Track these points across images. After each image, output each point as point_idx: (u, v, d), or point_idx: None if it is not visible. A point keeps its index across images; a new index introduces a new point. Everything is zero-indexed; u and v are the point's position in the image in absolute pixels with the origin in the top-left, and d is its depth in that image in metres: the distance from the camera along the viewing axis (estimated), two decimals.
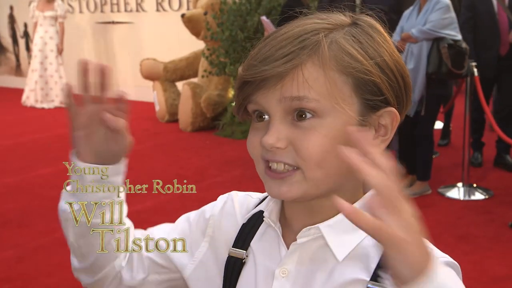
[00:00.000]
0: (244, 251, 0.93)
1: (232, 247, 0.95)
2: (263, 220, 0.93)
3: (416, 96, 4.42)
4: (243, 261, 0.93)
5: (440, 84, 4.47)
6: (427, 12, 4.41)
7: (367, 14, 0.86)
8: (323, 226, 0.84)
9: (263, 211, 0.92)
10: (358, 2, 4.98)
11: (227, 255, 0.95)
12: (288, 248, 0.88)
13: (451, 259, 0.85)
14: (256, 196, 1.01)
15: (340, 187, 0.84)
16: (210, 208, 1.03)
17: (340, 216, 0.84)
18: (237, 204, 1.00)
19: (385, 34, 0.84)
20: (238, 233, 0.95)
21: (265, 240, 0.92)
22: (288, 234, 0.90)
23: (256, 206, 0.97)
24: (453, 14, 4.41)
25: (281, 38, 0.80)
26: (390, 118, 0.83)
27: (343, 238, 0.84)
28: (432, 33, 4.39)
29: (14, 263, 3.56)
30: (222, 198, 1.03)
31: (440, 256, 0.84)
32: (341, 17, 0.84)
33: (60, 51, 9.68)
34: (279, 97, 0.79)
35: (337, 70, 0.78)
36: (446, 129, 6.19)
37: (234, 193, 1.02)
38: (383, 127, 0.84)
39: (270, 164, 0.82)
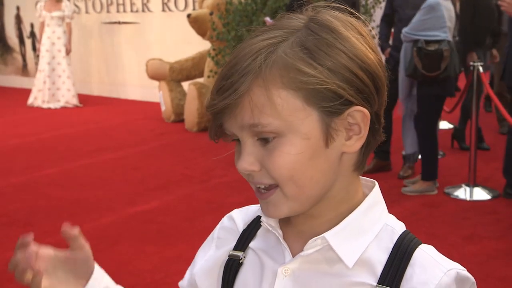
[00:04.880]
0: (242, 252, 0.94)
1: (232, 250, 0.96)
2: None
3: (400, 96, 4.77)
4: (240, 261, 0.94)
5: (432, 84, 4.47)
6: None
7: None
8: (329, 236, 0.84)
9: (261, 216, 0.93)
10: None
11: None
12: (290, 250, 0.89)
13: (468, 274, 0.85)
14: (257, 205, 1.01)
15: (328, 191, 0.85)
16: (214, 232, 1.04)
17: (345, 222, 0.85)
18: (236, 216, 1.01)
19: (341, 31, 0.81)
20: (238, 238, 0.97)
21: (266, 241, 0.93)
22: (291, 233, 0.90)
23: (256, 212, 0.98)
24: (438, 13, 4.37)
25: (229, 66, 0.82)
26: (360, 116, 0.82)
27: (350, 245, 0.84)
28: (408, 36, 4.47)
29: None
30: (222, 219, 1.05)
31: (458, 268, 0.84)
32: (294, 21, 0.83)
33: (68, 51, 9.71)
34: (239, 125, 0.81)
35: (285, 88, 0.78)
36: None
37: (233, 211, 1.04)
38: (355, 125, 0.82)
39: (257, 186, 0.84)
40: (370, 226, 0.86)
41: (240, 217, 1.00)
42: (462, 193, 4.63)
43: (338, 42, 0.80)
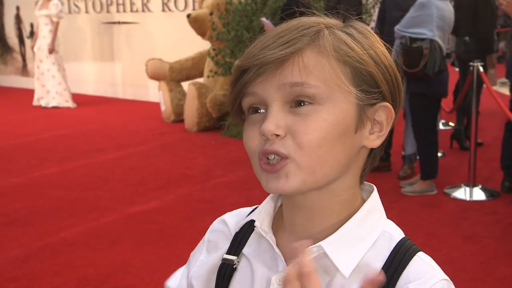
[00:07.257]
0: (236, 257, 0.93)
1: (226, 253, 0.94)
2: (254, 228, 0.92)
3: None
4: (234, 266, 0.92)
5: (421, 82, 4.48)
6: None
7: (357, 19, 0.87)
8: (325, 244, 0.83)
9: (255, 220, 0.91)
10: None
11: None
12: (284, 257, 0.87)
13: (447, 278, 0.83)
14: (249, 208, 1.00)
15: (338, 181, 0.84)
16: (205, 236, 1.02)
17: (342, 230, 0.84)
18: (228, 219, 1.00)
19: (377, 37, 0.86)
20: (231, 241, 0.95)
21: (259, 247, 0.92)
22: (287, 239, 0.89)
23: (249, 214, 0.96)
24: (428, 11, 4.40)
25: (280, 30, 0.82)
26: (385, 113, 0.84)
27: (347, 253, 0.83)
28: (398, 33, 4.51)
29: (20, 262, 3.55)
30: (213, 222, 1.02)
31: (450, 282, 0.83)
32: (335, 20, 0.86)
33: (50, 50, 9.55)
34: (277, 84, 0.79)
35: (336, 59, 0.79)
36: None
37: (225, 214, 1.02)
38: (378, 123, 0.84)
39: (268, 156, 0.80)
40: (367, 233, 0.85)
41: (233, 219, 0.98)
42: (462, 193, 4.63)
43: (377, 42, 0.85)
